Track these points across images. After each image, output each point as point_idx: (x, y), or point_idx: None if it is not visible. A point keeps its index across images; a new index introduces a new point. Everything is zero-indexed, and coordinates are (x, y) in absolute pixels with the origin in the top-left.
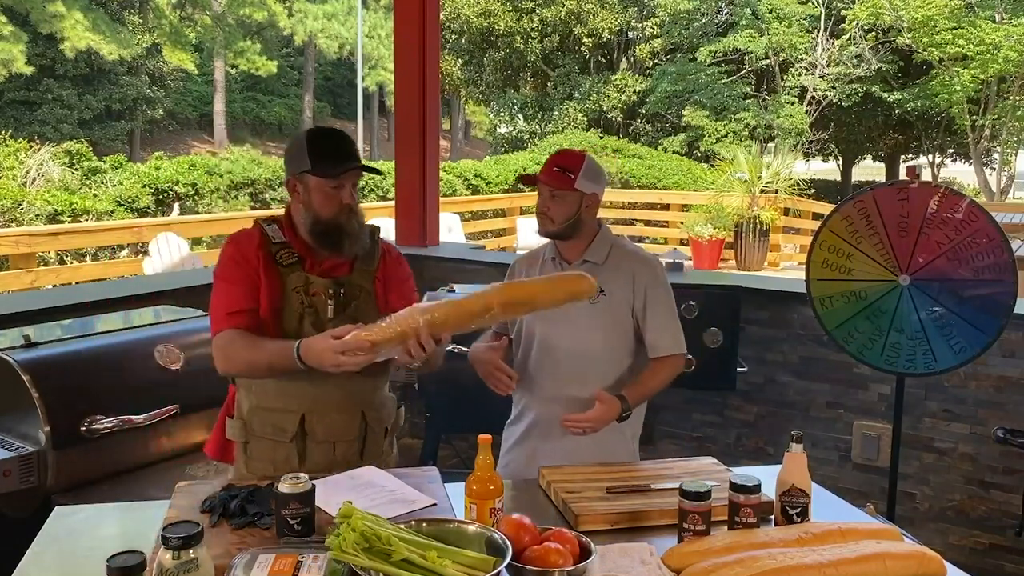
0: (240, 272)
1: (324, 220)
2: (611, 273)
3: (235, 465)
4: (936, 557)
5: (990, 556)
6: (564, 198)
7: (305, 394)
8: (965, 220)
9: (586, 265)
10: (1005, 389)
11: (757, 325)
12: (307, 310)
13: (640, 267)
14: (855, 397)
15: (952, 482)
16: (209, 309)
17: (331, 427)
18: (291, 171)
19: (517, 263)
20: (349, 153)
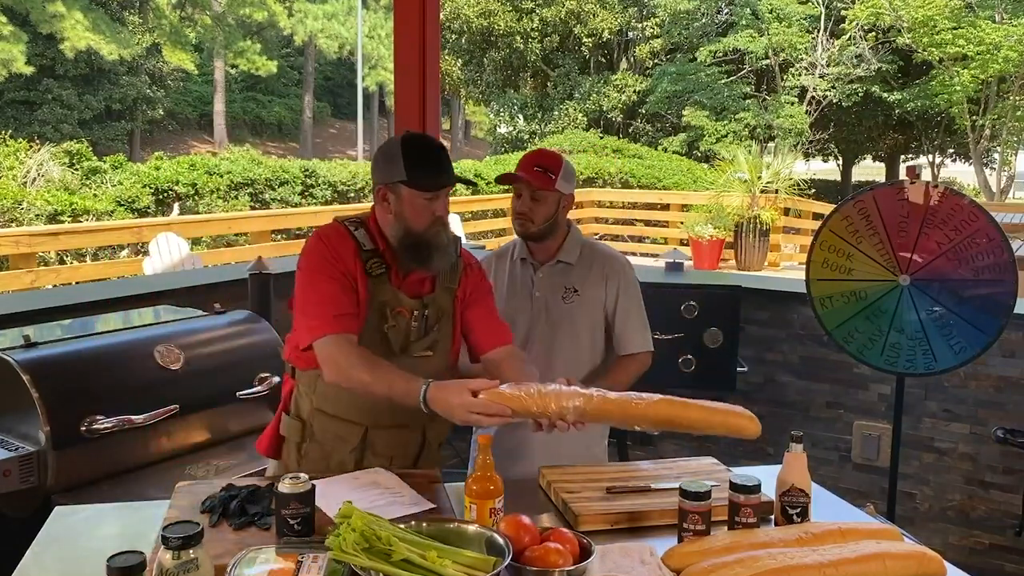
0: (339, 271)
1: (416, 233)
2: (584, 273)
3: (283, 461)
4: (936, 557)
5: (990, 556)
6: (545, 199)
7: (372, 409)
8: (965, 220)
9: (559, 265)
10: (1005, 389)
11: (757, 325)
12: (390, 328)
13: (612, 266)
14: (855, 397)
15: (952, 482)
16: (297, 306)
17: (392, 442)
18: (382, 179)
19: (484, 264)
20: (446, 164)
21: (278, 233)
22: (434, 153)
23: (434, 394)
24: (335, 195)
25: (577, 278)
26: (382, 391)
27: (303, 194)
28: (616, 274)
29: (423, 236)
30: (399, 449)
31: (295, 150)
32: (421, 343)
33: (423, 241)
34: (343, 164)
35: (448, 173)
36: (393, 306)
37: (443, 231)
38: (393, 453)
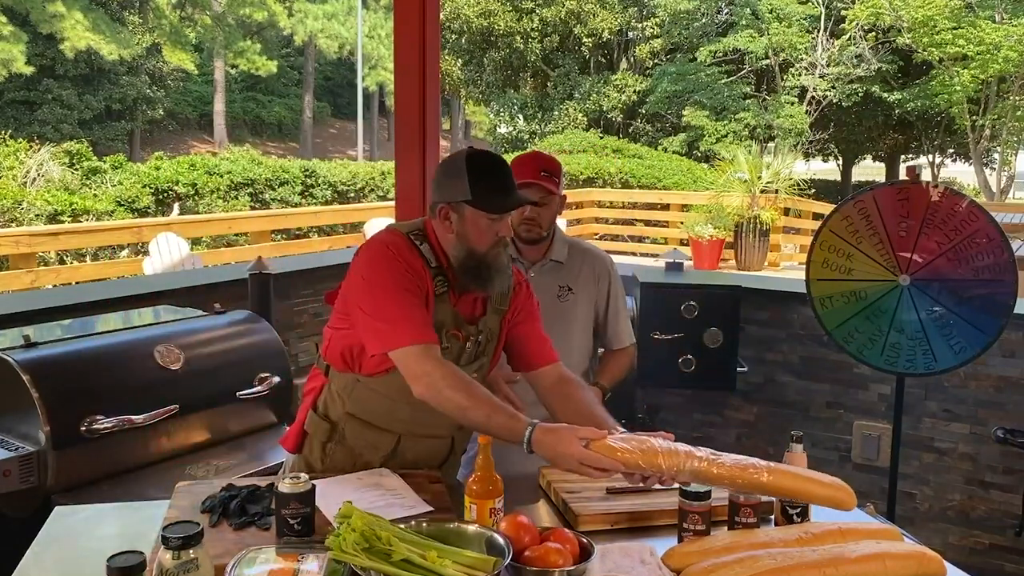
0: (415, 284)
1: (478, 254)
2: (575, 271)
3: (304, 457)
4: (936, 557)
5: (990, 556)
6: (550, 203)
7: (405, 417)
8: (965, 220)
9: (551, 264)
10: (1005, 389)
11: (757, 325)
12: (443, 350)
13: (599, 263)
14: (855, 397)
15: (952, 482)
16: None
17: (422, 450)
18: (444, 197)
19: None
20: (512, 185)
21: (278, 233)
22: (501, 173)
23: (541, 438)
24: (335, 195)
25: (570, 276)
26: (478, 420)
27: (303, 194)
28: (606, 272)
29: (485, 257)
30: (428, 456)
31: (295, 150)
32: (470, 367)
33: (485, 263)
34: (343, 164)
35: (515, 195)
36: (449, 328)
37: (503, 252)
38: (421, 459)
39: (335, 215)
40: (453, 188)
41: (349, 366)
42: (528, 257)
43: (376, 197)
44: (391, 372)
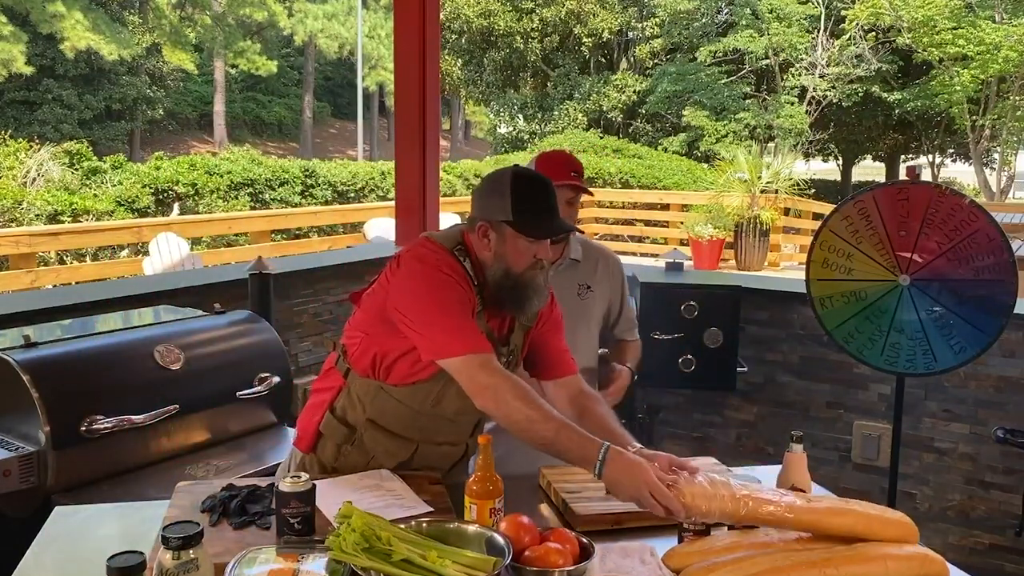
0: (467, 298)
1: (515, 275)
2: (591, 269)
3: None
4: (938, 559)
5: (990, 556)
6: (576, 203)
7: (426, 427)
8: (965, 220)
9: (569, 263)
10: (1005, 389)
11: (757, 325)
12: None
13: (611, 261)
14: (855, 397)
15: (952, 482)
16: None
17: (436, 457)
18: (486, 215)
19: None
20: (556, 211)
21: (278, 233)
22: (545, 196)
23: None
24: (335, 195)
25: (587, 275)
26: (546, 435)
27: (303, 194)
28: (619, 269)
29: (521, 278)
30: (440, 461)
31: (295, 150)
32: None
33: (521, 283)
34: (343, 164)
35: (558, 221)
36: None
37: (540, 274)
38: (435, 464)
39: (335, 215)
40: (495, 207)
41: (375, 373)
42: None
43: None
44: (417, 384)
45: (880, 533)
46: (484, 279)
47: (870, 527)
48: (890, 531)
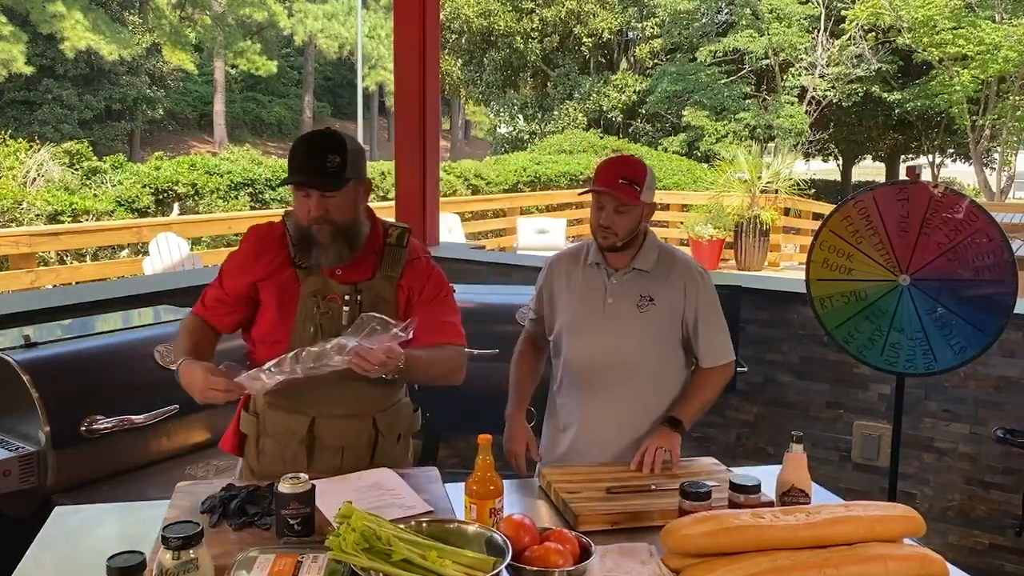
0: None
1: (300, 228)
2: (660, 281)
3: (245, 459)
4: (938, 559)
5: (990, 556)
6: (629, 211)
7: (317, 398)
8: (965, 220)
9: (634, 272)
10: (1005, 389)
11: (757, 325)
12: (322, 316)
13: (690, 275)
14: (855, 397)
15: (952, 482)
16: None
17: (340, 433)
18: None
19: (554, 264)
20: (311, 164)
21: None
22: (305, 152)
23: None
24: None
25: (653, 286)
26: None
27: None
28: (694, 283)
29: (305, 231)
30: (349, 440)
31: None
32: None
33: (305, 235)
34: None
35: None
36: (324, 294)
37: (326, 227)
38: (344, 444)
39: None
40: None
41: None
42: (612, 264)
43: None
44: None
45: (884, 534)
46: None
47: (872, 530)
48: (895, 529)
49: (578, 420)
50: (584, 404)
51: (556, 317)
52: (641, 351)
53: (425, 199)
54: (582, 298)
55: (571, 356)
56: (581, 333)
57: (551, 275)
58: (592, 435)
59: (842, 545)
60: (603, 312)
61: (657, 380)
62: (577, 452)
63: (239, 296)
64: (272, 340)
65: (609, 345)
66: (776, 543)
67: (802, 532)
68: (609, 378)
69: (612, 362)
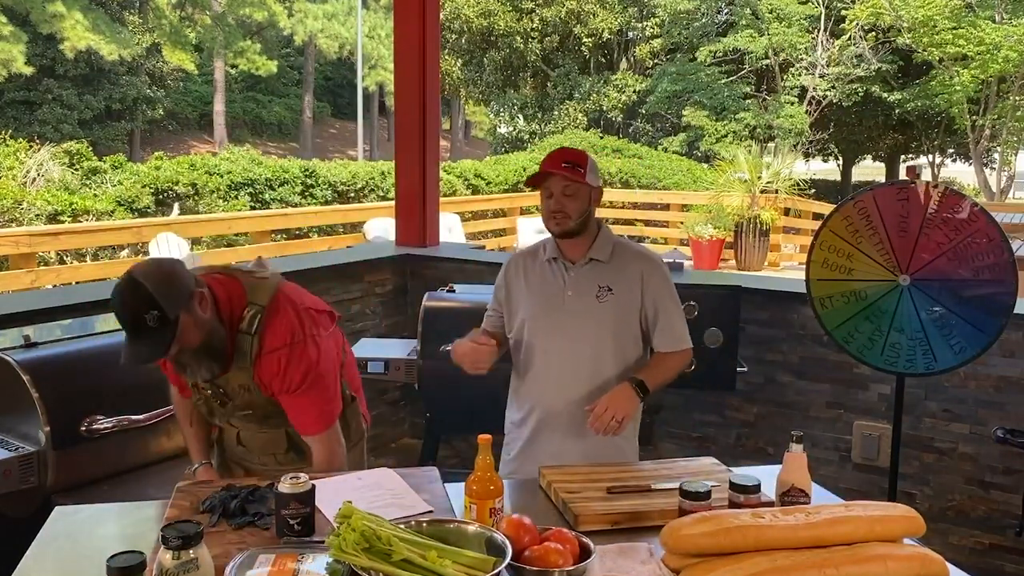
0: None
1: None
2: (617, 272)
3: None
4: (938, 559)
5: (990, 556)
6: (576, 193)
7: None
8: (965, 220)
9: (592, 263)
10: (1005, 389)
11: (757, 325)
12: (198, 401)
13: (647, 266)
14: (855, 397)
15: (952, 482)
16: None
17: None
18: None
19: (512, 263)
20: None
21: (278, 233)
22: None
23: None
24: (335, 195)
25: (611, 276)
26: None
27: (303, 194)
28: (651, 274)
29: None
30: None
31: (295, 150)
32: (228, 408)
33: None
34: (343, 164)
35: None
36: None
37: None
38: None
39: (335, 215)
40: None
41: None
42: (569, 256)
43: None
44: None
45: (884, 534)
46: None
47: (872, 530)
48: (895, 529)
49: (539, 411)
50: (545, 396)
51: (516, 313)
52: (602, 340)
53: (425, 199)
54: (542, 292)
55: (533, 349)
56: (543, 326)
57: (508, 274)
58: (554, 425)
59: (842, 545)
60: (563, 304)
61: (618, 369)
62: (540, 444)
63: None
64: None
65: (570, 336)
66: (776, 543)
67: (802, 532)
68: (570, 368)
69: (573, 352)
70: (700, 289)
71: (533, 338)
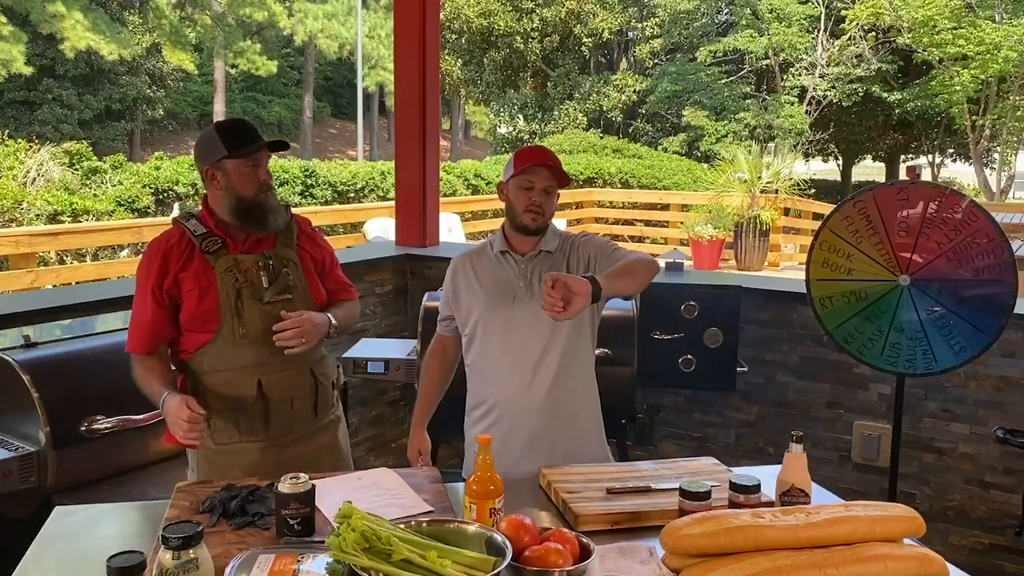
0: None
1: (247, 199)
2: (564, 258)
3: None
4: (938, 559)
5: (990, 556)
6: (553, 193)
7: (256, 359)
8: (965, 220)
9: (541, 254)
10: (1005, 389)
11: (757, 325)
12: (243, 286)
13: (586, 245)
14: (855, 397)
15: (952, 482)
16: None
17: (287, 385)
18: (207, 162)
19: (458, 263)
20: (256, 135)
21: None
22: (244, 128)
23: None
24: (335, 195)
25: (560, 264)
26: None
27: (303, 194)
28: (588, 249)
29: (254, 200)
30: (296, 390)
31: (295, 150)
32: (273, 288)
33: (255, 204)
34: (343, 164)
35: (260, 141)
36: (238, 267)
37: (271, 194)
38: (293, 395)
39: (335, 215)
40: (211, 152)
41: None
42: (519, 249)
43: (376, 197)
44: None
45: (884, 534)
46: (220, 218)
47: (872, 531)
48: (895, 529)
49: (500, 406)
50: (505, 389)
51: (471, 312)
52: (557, 329)
53: (425, 199)
54: (494, 287)
55: (490, 342)
56: (497, 318)
57: (456, 276)
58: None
59: (842, 545)
60: (516, 295)
61: (573, 360)
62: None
63: (170, 298)
64: (201, 320)
65: (526, 325)
66: (776, 543)
67: (802, 532)
68: (527, 358)
69: (530, 342)
70: (700, 289)
71: (489, 331)
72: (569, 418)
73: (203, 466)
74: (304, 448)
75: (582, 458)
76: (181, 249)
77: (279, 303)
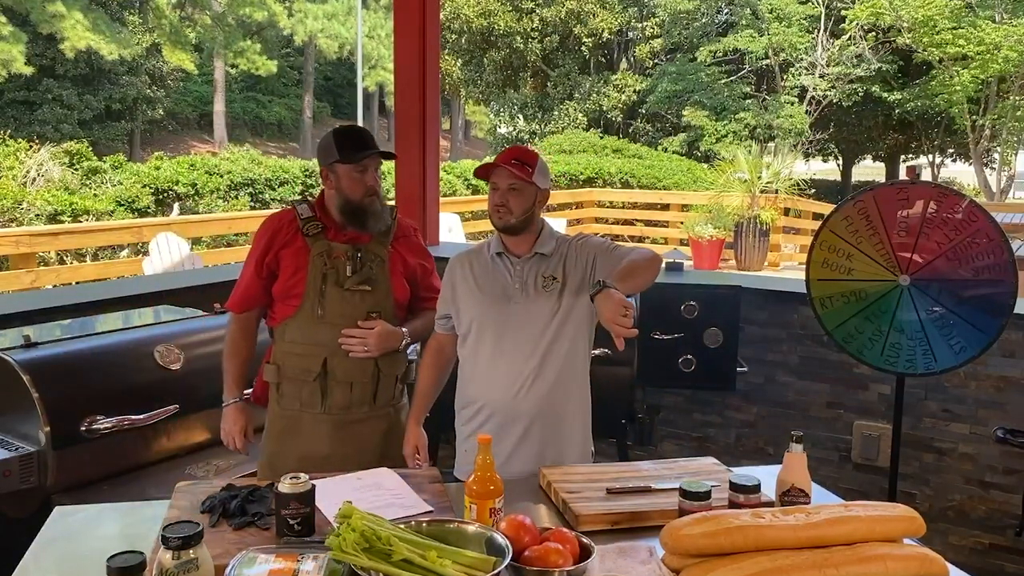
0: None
1: (353, 202)
2: (560, 261)
3: (269, 405)
4: (938, 559)
5: (990, 556)
6: (522, 191)
7: (328, 339)
8: (965, 220)
9: (536, 256)
10: (1005, 389)
11: (757, 325)
12: (328, 271)
13: (577, 242)
14: (855, 397)
15: (952, 482)
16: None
17: (348, 369)
18: (323, 162)
19: (455, 263)
20: (368, 143)
21: None
22: (358, 135)
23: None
24: None
25: (555, 266)
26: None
27: (303, 194)
28: (585, 250)
29: (359, 203)
30: (356, 375)
31: (295, 150)
32: (355, 278)
33: (359, 207)
34: None
35: (370, 148)
36: (330, 253)
37: (376, 200)
38: (352, 379)
39: None
40: (327, 153)
41: (274, 320)
42: (514, 251)
43: None
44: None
45: (884, 534)
46: (328, 210)
47: (872, 531)
48: (895, 529)
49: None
50: (497, 390)
51: (467, 311)
52: (551, 330)
53: (425, 199)
54: (489, 287)
55: (483, 342)
56: (492, 318)
57: (454, 276)
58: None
59: (842, 545)
60: (511, 296)
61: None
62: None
63: (269, 270)
64: (290, 294)
65: (520, 326)
66: (776, 543)
67: (802, 532)
68: (520, 360)
69: (524, 343)
70: (700, 289)
71: (484, 331)
72: (558, 419)
73: (274, 426)
74: (359, 430)
75: (568, 459)
76: (288, 229)
77: (358, 292)
